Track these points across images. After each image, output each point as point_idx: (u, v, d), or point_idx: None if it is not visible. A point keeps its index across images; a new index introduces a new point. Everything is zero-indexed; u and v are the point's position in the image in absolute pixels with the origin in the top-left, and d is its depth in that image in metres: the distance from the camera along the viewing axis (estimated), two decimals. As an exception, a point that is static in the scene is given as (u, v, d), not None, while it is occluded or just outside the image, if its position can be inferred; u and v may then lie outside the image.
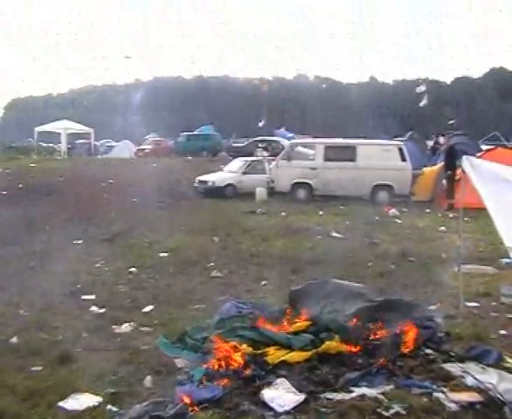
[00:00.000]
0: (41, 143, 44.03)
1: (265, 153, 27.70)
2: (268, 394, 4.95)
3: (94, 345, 6.42)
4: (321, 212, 17.06)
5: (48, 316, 7.34)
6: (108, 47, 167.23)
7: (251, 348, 5.73)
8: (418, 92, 51.81)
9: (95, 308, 7.78)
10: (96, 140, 45.23)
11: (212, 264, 10.22)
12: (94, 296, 8.30)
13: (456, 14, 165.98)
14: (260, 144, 32.76)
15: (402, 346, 5.88)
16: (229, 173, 21.93)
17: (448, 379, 5.34)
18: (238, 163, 22.49)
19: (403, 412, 4.73)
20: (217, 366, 5.49)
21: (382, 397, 4.97)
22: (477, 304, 7.91)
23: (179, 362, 5.85)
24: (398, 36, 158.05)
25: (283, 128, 47.89)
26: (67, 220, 14.15)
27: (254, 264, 10.30)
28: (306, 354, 5.67)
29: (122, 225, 13.96)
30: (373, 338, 6.11)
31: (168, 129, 50.77)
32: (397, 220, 15.89)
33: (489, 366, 5.60)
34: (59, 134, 41.70)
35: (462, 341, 6.32)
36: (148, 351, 6.21)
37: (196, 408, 4.77)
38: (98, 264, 10.21)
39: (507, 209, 4.96)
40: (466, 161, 5.43)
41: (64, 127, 41.64)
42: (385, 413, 4.71)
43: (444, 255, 10.59)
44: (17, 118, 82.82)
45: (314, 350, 5.73)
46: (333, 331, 6.07)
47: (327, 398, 4.97)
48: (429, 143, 30.64)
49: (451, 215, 14.92)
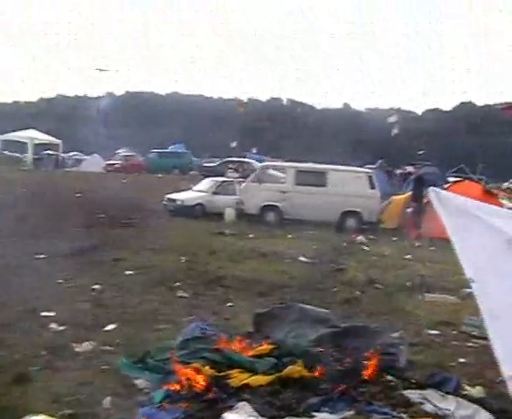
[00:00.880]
0: (5, 152, 42.08)
1: (235, 174, 27.77)
2: (230, 418, 4.92)
3: (53, 364, 6.27)
4: (289, 236, 17.12)
5: (5, 333, 7.09)
6: (82, 59, 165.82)
7: (214, 370, 5.69)
8: (389, 121, 52.42)
9: (55, 325, 7.56)
10: (64, 152, 44.50)
11: (178, 284, 10.14)
12: (55, 313, 8.04)
13: (429, 47, 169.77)
14: (231, 165, 32.85)
15: (364, 372, 5.91)
16: (199, 192, 21.87)
17: (408, 405, 5.39)
18: (208, 183, 22.47)
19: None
20: (178, 388, 5.43)
21: (342, 422, 4.99)
22: (439, 332, 8.01)
23: (140, 383, 5.76)
24: (373, 65, 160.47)
25: (254, 150, 48.14)
26: (30, 234, 13.88)
27: (221, 286, 10.26)
28: (269, 378, 5.65)
29: (88, 241, 13.76)
30: (336, 363, 6.14)
31: (139, 145, 50.50)
32: (364, 247, 16.02)
33: (448, 393, 5.67)
34: (25, 144, 40.58)
35: (423, 369, 6.39)
36: (108, 371, 6.10)
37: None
38: (60, 280, 9.93)
39: (468, 242, 5.06)
40: (432, 193, 5.51)
41: (30, 137, 40.68)
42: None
43: (409, 283, 10.72)
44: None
45: (277, 374, 5.71)
46: (296, 355, 6.07)
47: (288, 423, 4.97)
48: (398, 172, 31.16)
49: (417, 243, 15.11)
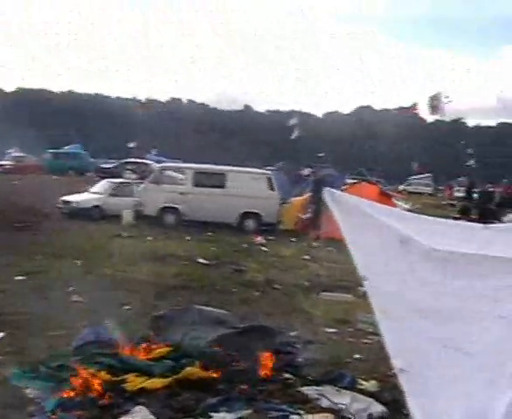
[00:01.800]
0: None
1: (133, 175, 27.24)
2: (125, 422, 4.80)
3: None
4: (188, 238, 17.01)
5: None
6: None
7: (109, 376, 5.53)
8: (290, 123, 53.28)
9: None
10: None
11: (73, 289, 9.79)
12: None
13: (331, 50, 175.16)
14: (129, 166, 32.18)
15: (262, 371, 5.96)
16: (95, 194, 21.26)
17: (305, 402, 5.53)
18: (105, 185, 21.89)
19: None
20: (72, 395, 5.24)
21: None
22: (335, 330, 8.23)
23: (31, 393, 5.51)
24: (275, 66, 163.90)
25: (154, 152, 47.49)
26: None
27: (118, 289, 10.01)
28: (166, 381, 5.57)
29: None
30: (234, 364, 6.15)
31: (32, 145, 48.40)
32: (263, 248, 16.20)
33: (344, 388, 5.85)
34: None
35: (320, 366, 6.54)
36: (-3, 382, 5.80)
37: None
38: None
39: (361, 241, 5.21)
40: (327, 194, 5.62)
41: None
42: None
43: (306, 283, 10.94)
44: None
45: (174, 376, 5.65)
46: (194, 357, 6.03)
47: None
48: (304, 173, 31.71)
49: (315, 244, 15.46)
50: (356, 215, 5.45)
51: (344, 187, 20.44)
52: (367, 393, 5.86)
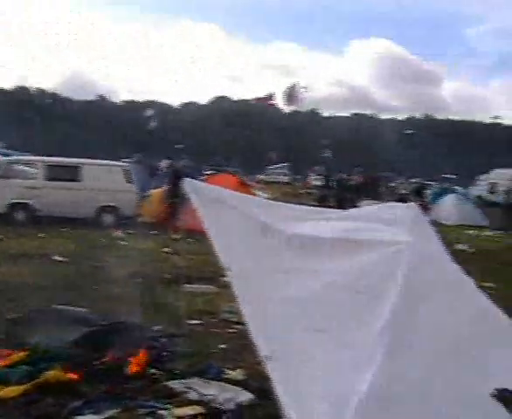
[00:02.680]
0: None
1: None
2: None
3: None
4: (42, 235, 16.16)
5: None
6: None
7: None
8: (146, 114, 52.45)
9: None
10: None
11: None
12: None
13: (188, 41, 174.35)
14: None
15: (127, 368, 5.82)
16: None
17: (173, 396, 5.48)
18: None
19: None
20: None
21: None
22: (200, 321, 8.23)
23: None
24: (129, 55, 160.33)
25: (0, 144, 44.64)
26: None
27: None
28: (23, 388, 5.25)
29: None
30: (98, 363, 5.94)
31: None
32: (122, 242, 15.80)
33: (211, 379, 5.87)
34: None
35: (186, 359, 6.51)
36: None
37: None
38: None
39: (223, 231, 5.24)
40: (187, 184, 5.58)
41: None
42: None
43: (168, 276, 10.83)
44: None
45: (32, 382, 5.34)
46: (54, 360, 5.74)
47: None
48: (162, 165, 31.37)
49: (176, 236, 15.35)
50: (217, 205, 5.47)
51: (203, 178, 20.51)
52: (234, 382, 5.93)
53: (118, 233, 16.75)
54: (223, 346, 7.24)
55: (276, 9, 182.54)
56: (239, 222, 5.44)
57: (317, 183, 43.46)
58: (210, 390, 5.52)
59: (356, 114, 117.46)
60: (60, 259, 12.64)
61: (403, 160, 78.09)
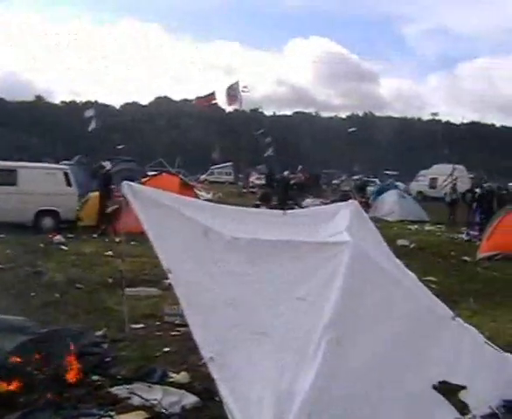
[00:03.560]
0: None
1: None
2: None
3: None
4: (-23, 241, 15.62)
5: None
6: None
7: None
8: (86, 115, 51.18)
9: None
10: None
11: None
12: None
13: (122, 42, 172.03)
14: None
15: (68, 376, 5.69)
16: None
17: (116, 402, 5.39)
18: None
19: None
20: None
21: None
22: (143, 325, 8.14)
23: None
24: (70, 56, 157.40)
25: None
26: None
27: None
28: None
29: None
30: (37, 372, 5.78)
31: None
32: (63, 247, 15.42)
33: (155, 383, 5.80)
34: None
35: (129, 363, 6.42)
36: None
37: None
38: None
39: (163, 234, 5.19)
40: (126, 187, 5.50)
41: None
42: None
43: (110, 280, 10.66)
44: None
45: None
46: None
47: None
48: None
49: (118, 239, 15.07)
50: (157, 208, 5.42)
51: (144, 179, 20.30)
52: (179, 385, 5.88)
53: (58, 237, 16.34)
54: (167, 349, 7.17)
55: (217, 8, 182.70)
56: (180, 224, 5.41)
57: (260, 182, 43.65)
58: (153, 395, 5.46)
59: (298, 113, 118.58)
60: (-4, 266, 12.23)
61: (345, 157, 79.29)
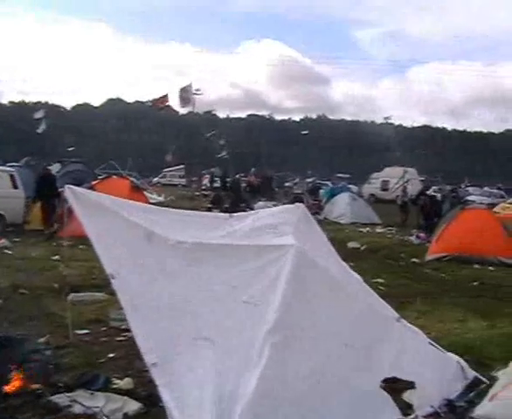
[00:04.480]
0: None
1: None
2: None
3: None
4: None
5: None
6: None
7: None
8: (36, 116, 50.03)
9: None
10: None
11: None
12: None
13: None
14: None
15: (7, 385, 5.52)
16: None
17: (57, 411, 5.26)
18: None
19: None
20: None
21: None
22: (88, 331, 7.97)
23: None
24: (19, 55, 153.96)
25: None
26: None
27: None
28: None
29: None
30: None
31: None
32: (7, 251, 14.98)
33: (98, 390, 5.68)
34: None
35: (72, 370, 6.27)
36: None
37: None
38: None
39: (106, 238, 5.11)
40: (68, 191, 5.39)
41: None
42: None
43: (56, 285, 10.41)
44: None
45: None
46: None
47: None
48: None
49: (66, 243, 14.72)
50: (100, 212, 5.35)
51: (95, 182, 19.97)
52: (122, 391, 5.77)
53: (3, 241, 15.88)
54: (112, 355, 7.03)
55: (168, 9, 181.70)
56: (123, 229, 5.34)
57: (213, 185, 43.55)
58: (95, 402, 5.35)
59: (252, 115, 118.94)
60: None
61: (299, 160, 79.85)
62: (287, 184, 47.11)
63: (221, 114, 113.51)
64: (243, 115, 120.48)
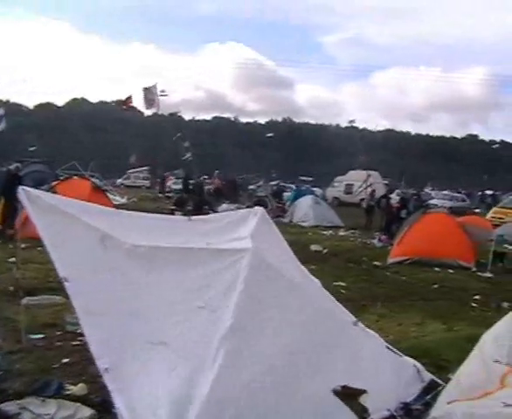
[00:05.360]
0: None
1: None
2: None
3: None
4: None
5: None
6: None
7: None
8: (-3, 115, 48.83)
9: None
10: None
11: None
12: None
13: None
14: None
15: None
16: None
17: (5, 419, 5.10)
18: None
19: None
20: None
21: None
22: (43, 335, 7.79)
23: None
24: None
25: None
26: None
27: None
28: None
29: None
30: None
31: None
32: (-38, 254, 14.58)
33: (50, 396, 5.55)
34: None
35: (24, 376, 6.11)
36: None
37: None
38: None
39: (60, 241, 5.02)
40: (22, 192, 5.26)
41: None
42: None
43: (11, 288, 10.14)
44: None
45: None
46: None
47: None
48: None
49: (24, 245, 14.41)
50: (54, 214, 5.24)
51: (55, 182, 19.64)
52: (75, 398, 5.65)
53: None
54: (66, 360, 6.88)
55: (133, 9, 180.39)
56: (77, 232, 5.24)
57: (177, 187, 43.29)
58: (47, 409, 5.23)
59: (217, 118, 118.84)
60: None
61: (263, 163, 79.98)
62: (251, 187, 47.09)
63: (186, 116, 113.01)
64: (208, 117, 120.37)
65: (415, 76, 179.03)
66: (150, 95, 43.96)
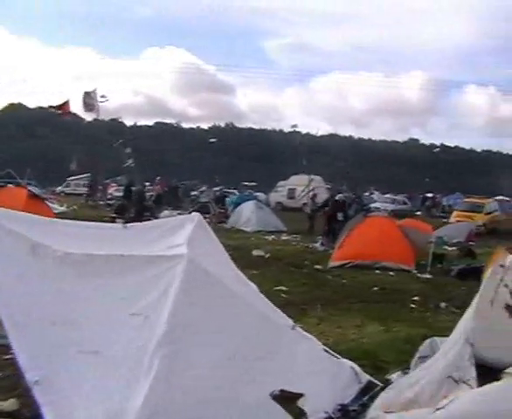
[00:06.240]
0: None
1: None
2: None
3: None
4: None
5: None
6: None
7: None
8: None
9: None
10: None
11: None
12: None
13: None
14: None
15: None
16: None
17: None
18: None
19: None
20: None
21: None
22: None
23: None
24: None
25: None
26: None
27: None
28: None
29: None
30: None
31: None
32: None
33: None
34: None
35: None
36: None
37: None
38: None
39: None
40: None
41: None
42: None
43: None
44: None
45: None
46: None
47: None
48: None
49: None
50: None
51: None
52: (6, 413, 5.45)
53: None
54: (-2, 374, 6.64)
55: (70, 13, 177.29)
56: (5, 241, 5.05)
57: (119, 194, 42.65)
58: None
59: (160, 123, 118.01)
60: None
61: (207, 168, 79.77)
62: (194, 193, 46.89)
63: (128, 122, 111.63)
64: (150, 123, 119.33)
65: (356, 81, 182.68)
66: (90, 100, 43.17)
